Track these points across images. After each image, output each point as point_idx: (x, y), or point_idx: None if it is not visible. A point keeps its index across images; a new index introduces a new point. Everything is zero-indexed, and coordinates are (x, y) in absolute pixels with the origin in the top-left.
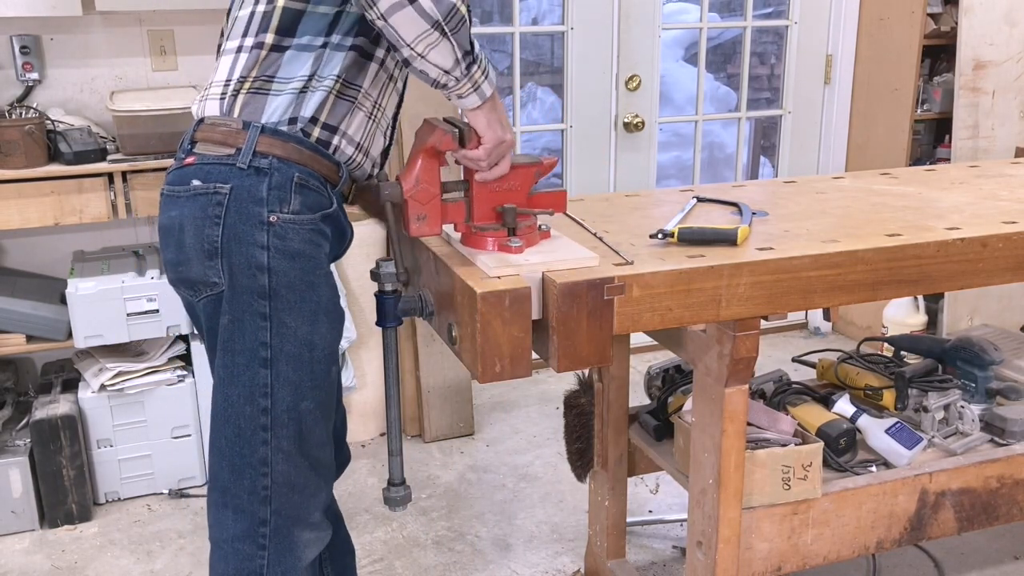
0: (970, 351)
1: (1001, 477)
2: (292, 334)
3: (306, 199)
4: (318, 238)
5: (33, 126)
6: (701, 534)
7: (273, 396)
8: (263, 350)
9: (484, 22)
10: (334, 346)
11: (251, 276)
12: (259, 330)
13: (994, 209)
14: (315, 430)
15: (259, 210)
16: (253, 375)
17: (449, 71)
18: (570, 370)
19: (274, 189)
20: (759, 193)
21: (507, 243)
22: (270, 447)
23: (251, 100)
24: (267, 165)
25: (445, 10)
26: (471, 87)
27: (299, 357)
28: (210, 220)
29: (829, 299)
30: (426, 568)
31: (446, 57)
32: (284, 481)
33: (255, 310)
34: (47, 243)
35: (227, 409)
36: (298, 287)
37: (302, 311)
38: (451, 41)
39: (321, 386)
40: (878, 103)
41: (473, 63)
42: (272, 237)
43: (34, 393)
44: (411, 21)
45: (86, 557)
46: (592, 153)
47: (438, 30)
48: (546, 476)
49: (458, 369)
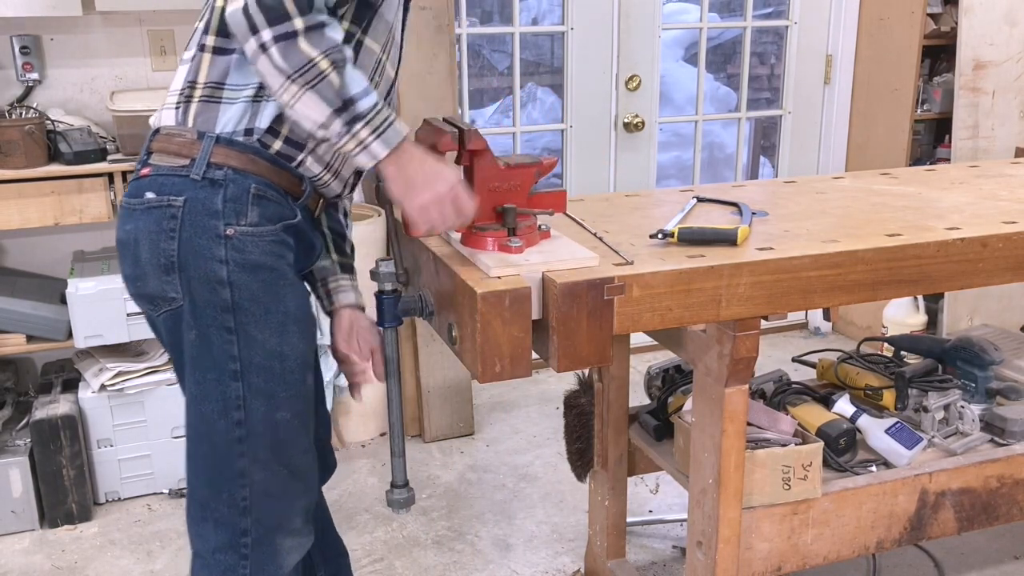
0: (970, 351)
1: (1001, 477)
2: (260, 346)
3: (265, 210)
4: (280, 249)
5: (33, 126)
6: (701, 534)
7: (247, 408)
8: (232, 363)
9: (484, 22)
10: (308, 354)
11: (212, 290)
12: (226, 344)
13: (994, 209)
14: (294, 439)
15: (215, 223)
16: (225, 388)
17: (323, 125)
18: (570, 370)
19: (230, 201)
20: (759, 193)
21: (507, 243)
22: (247, 458)
23: (204, 109)
24: (222, 176)
25: (296, 64)
26: (356, 145)
27: (270, 369)
28: (165, 234)
29: (829, 299)
30: (426, 568)
31: (315, 110)
32: (263, 490)
33: (220, 324)
34: (47, 243)
35: (201, 425)
36: (262, 299)
37: (269, 323)
38: (314, 95)
39: (297, 396)
40: (878, 103)
41: (356, 120)
42: (230, 250)
43: (34, 393)
44: (268, 70)
45: (86, 557)
46: (592, 153)
47: (294, 83)
48: (546, 476)
49: (458, 369)
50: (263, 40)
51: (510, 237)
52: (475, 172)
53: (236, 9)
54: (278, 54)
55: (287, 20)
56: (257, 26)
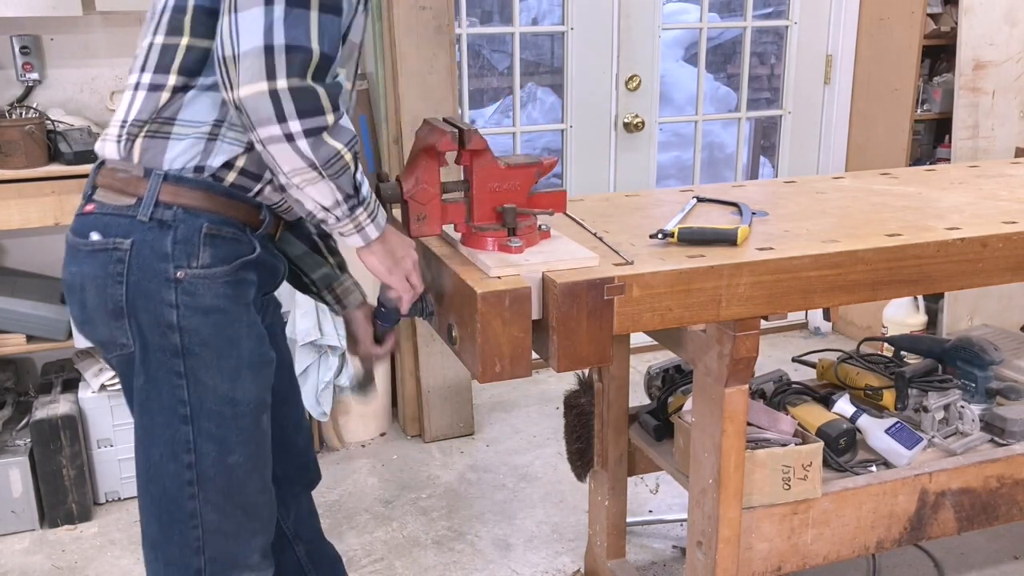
0: (970, 351)
1: (1001, 477)
2: (211, 392)
3: (218, 251)
4: (236, 289)
5: (33, 126)
6: (701, 534)
7: (197, 451)
8: (181, 407)
9: (484, 22)
10: (263, 395)
11: (161, 335)
12: (175, 388)
13: (994, 209)
14: (247, 481)
15: (164, 266)
16: (174, 432)
17: (328, 209)
18: (570, 370)
19: (180, 243)
20: (759, 193)
21: (507, 243)
22: (198, 500)
23: (150, 145)
24: (171, 217)
25: (324, 157)
26: (353, 228)
27: (221, 414)
28: (112, 279)
29: (829, 299)
30: (426, 568)
31: (325, 196)
32: (216, 530)
33: (170, 368)
34: (47, 243)
35: (149, 469)
36: (214, 344)
37: (221, 369)
38: (331, 183)
39: (249, 440)
40: (878, 103)
41: (358, 205)
42: (180, 294)
43: (34, 393)
44: (288, 156)
45: (86, 557)
46: (592, 153)
47: (315, 171)
48: (546, 476)
49: (458, 369)
50: (291, 131)
51: (510, 237)
52: (475, 172)
53: (259, 92)
54: (308, 147)
55: (320, 114)
56: (286, 115)
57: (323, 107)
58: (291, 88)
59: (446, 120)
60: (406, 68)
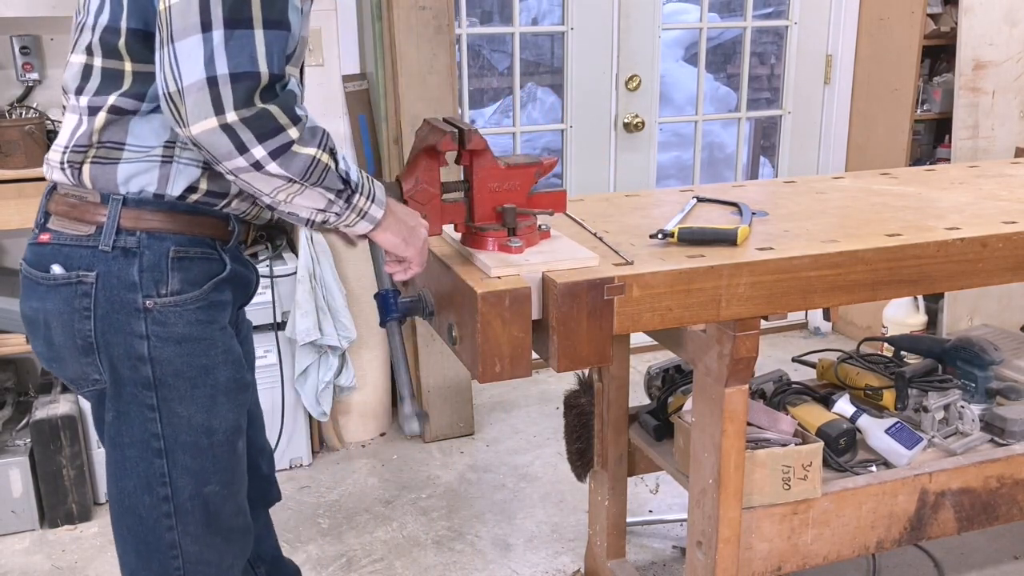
0: (970, 351)
1: (1001, 477)
2: (186, 423)
3: (187, 274)
4: (209, 314)
5: (33, 126)
6: (701, 534)
7: (173, 485)
8: (155, 441)
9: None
10: (239, 421)
11: (132, 368)
12: (148, 422)
13: (994, 209)
14: (224, 507)
15: (133, 296)
16: (148, 466)
17: (324, 210)
18: (570, 370)
19: (147, 270)
20: (759, 193)
21: (507, 243)
22: (177, 532)
23: (100, 171)
24: (135, 244)
25: (300, 169)
26: (357, 216)
27: (197, 444)
28: (79, 314)
29: (829, 299)
30: (426, 568)
31: (316, 200)
32: (198, 560)
33: (141, 402)
34: None
35: (123, 500)
36: (187, 374)
37: (195, 398)
38: (317, 189)
39: (226, 467)
40: (878, 103)
41: (354, 193)
42: (151, 324)
43: (34, 393)
44: (263, 181)
45: (86, 557)
46: (592, 153)
47: (296, 183)
48: (546, 476)
49: (458, 369)
50: (256, 158)
51: (510, 237)
52: (475, 172)
53: (211, 129)
54: (279, 168)
55: (281, 132)
56: (246, 144)
57: (282, 125)
58: (243, 119)
59: (446, 120)
60: (406, 68)
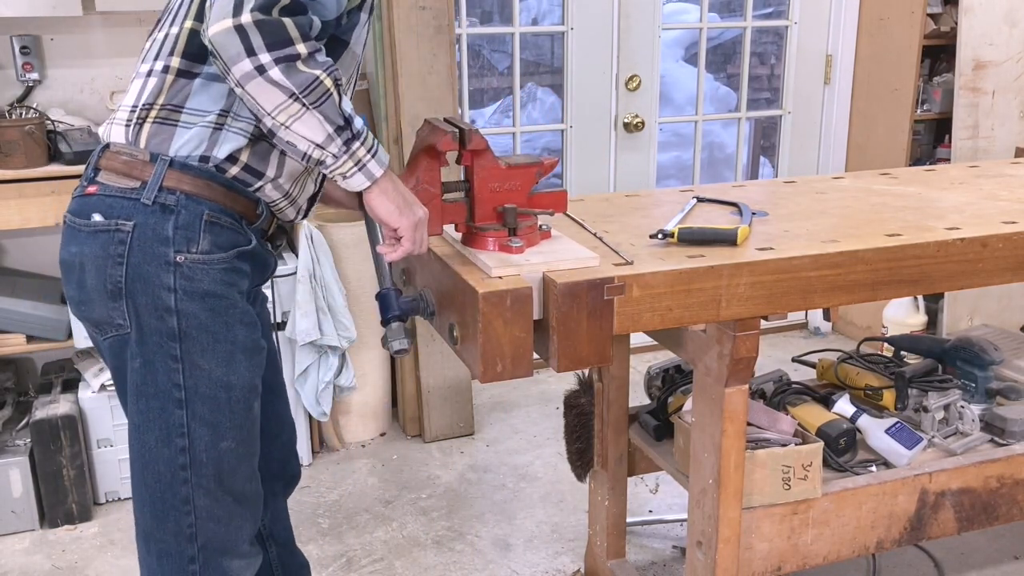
0: (970, 351)
1: (1001, 477)
2: (206, 376)
3: (217, 237)
4: (232, 276)
5: (33, 126)
6: (701, 534)
7: (191, 436)
8: (177, 391)
9: (484, 22)
10: (254, 382)
11: (159, 318)
12: (171, 372)
13: (994, 209)
14: (238, 467)
15: (165, 250)
16: (168, 416)
17: (322, 145)
18: (570, 370)
19: (181, 228)
20: (759, 193)
21: (508, 243)
22: (191, 485)
23: (159, 130)
24: (174, 202)
25: (301, 83)
26: (354, 165)
27: (215, 398)
28: (112, 259)
29: (829, 299)
30: (426, 568)
31: (314, 130)
32: (208, 516)
33: (166, 352)
34: (47, 243)
35: (144, 455)
36: (210, 328)
37: (216, 353)
38: (316, 114)
39: (241, 425)
40: (878, 103)
41: (354, 139)
42: (179, 278)
43: (34, 393)
44: (265, 91)
45: (86, 557)
46: (592, 153)
47: (297, 102)
48: (546, 476)
49: (458, 369)
50: (261, 62)
51: (511, 237)
52: (475, 172)
53: (225, 29)
54: (280, 74)
55: (290, 44)
56: (255, 48)
57: (292, 38)
58: (256, 21)
59: (446, 120)
60: (406, 68)
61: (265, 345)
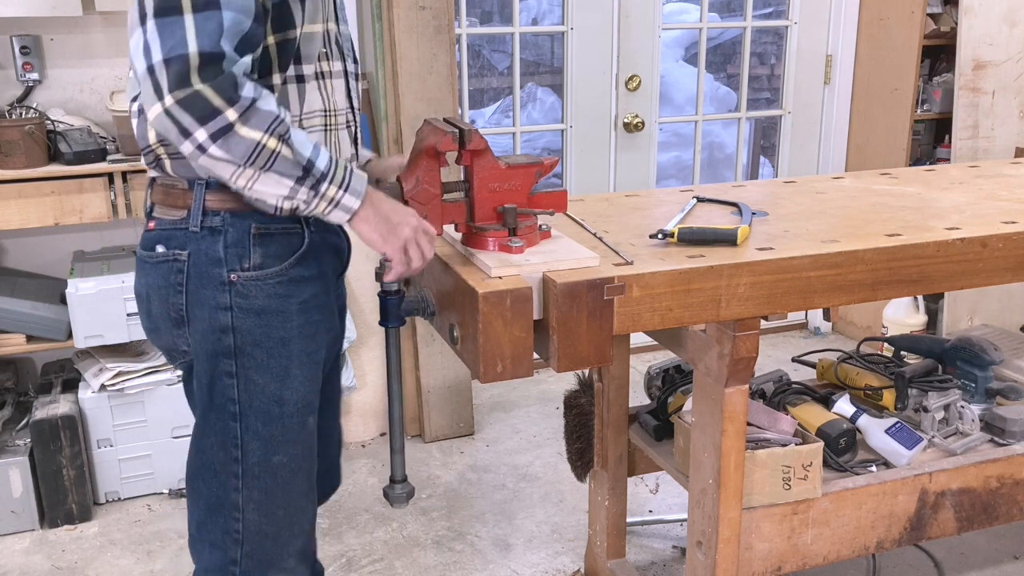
0: (970, 351)
1: (1001, 477)
2: (260, 391)
3: (268, 249)
4: (288, 288)
5: (33, 126)
6: (701, 534)
7: (244, 448)
8: (231, 405)
9: (484, 22)
10: (310, 397)
11: (216, 340)
12: (227, 388)
13: (994, 209)
14: (290, 482)
15: (218, 271)
16: (224, 427)
17: (290, 196)
18: (570, 370)
19: (231, 247)
20: (759, 193)
21: (508, 243)
22: (241, 495)
23: (180, 162)
24: (220, 223)
25: (243, 153)
26: (328, 204)
27: (268, 412)
28: (173, 288)
29: (829, 299)
30: (426, 568)
31: (275, 186)
32: (257, 530)
33: (222, 370)
34: (47, 243)
35: (200, 456)
36: (265, 344)
37: (271, 368)
38: (271, 174)
39: (296, 440)
40: (878, 103)
41: (321, 181)
42: (234, 296)
43: (34, 393)
44: (214, 165)
45: (86, 557)
46: (592, 153)
47: (247, 167)
48: (546, 476)
49: (458, 369)
50: (199, 141)
51: (511, 237)
52: (475, 172)
53: (158, 115)
54: (219, 150)
55: (218, 114)
56: (187, 128)
57: (217, 107)
58: (178, 101)
59: (446, 120)
60: (406, 68)
61: (323, 358)
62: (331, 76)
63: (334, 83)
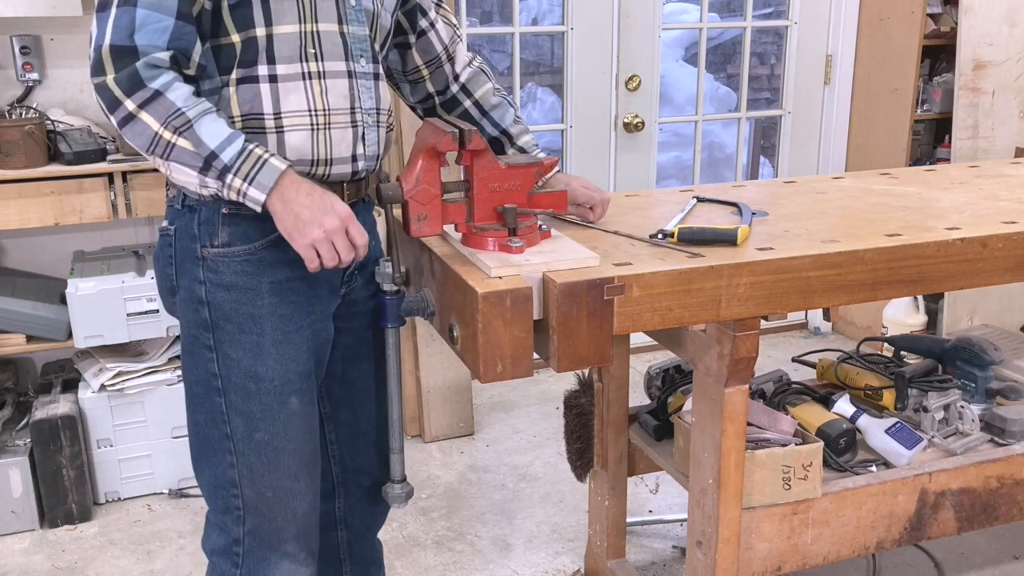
0: (970, 351)
1: (1001, 477)
2: (236, 365)
3: (237, 229)
4: (257, 267)
5: (33, 126)
6: (701, 534)
7: (230, 424)
8: (214, 380)
9: (484, 22)
10: (289, 376)
11: (194, 310)
12: (208, 361)
13: (994, 209)
14: (276, 462)
15: (194, 246)
16: (212, 403)
17: (201, 184)
18: (570, 370)
19: (203, 224)
20: (759, 193)
21: (508, 243)
22: (237, 470)
23: None
24: (195, 202)
25: (144, 142)
26: (236, 195)
27: (245, 388)
28: (166, 260)
29: (829, 299)
30: (426, 568)
31: (184, 173)
32: (253, 507)
33: (201, 342)
34: (47, 243)
35: (198, 432)
36: (236, 319)
37: (243, 343)
38: (174, 163)
39: (275, 418)
40: (878, 103)
41: (225, 172)
42: (206, 271)
43: (34, 393)
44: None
45: (86, 557)
46: (592, 153)
47: (154, 156)
48: (546, 476)
49: (458, 369)
50: (115, 123)
51: (511, 237)
52: (475, 172)
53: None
54: (128, 136)
55: (119, 104)
56: (107, 111)
57: (117, 97)
58: (95, 88)
59: (446, 120)
60: None
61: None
62: (322, 77)
63: (327, 83)
